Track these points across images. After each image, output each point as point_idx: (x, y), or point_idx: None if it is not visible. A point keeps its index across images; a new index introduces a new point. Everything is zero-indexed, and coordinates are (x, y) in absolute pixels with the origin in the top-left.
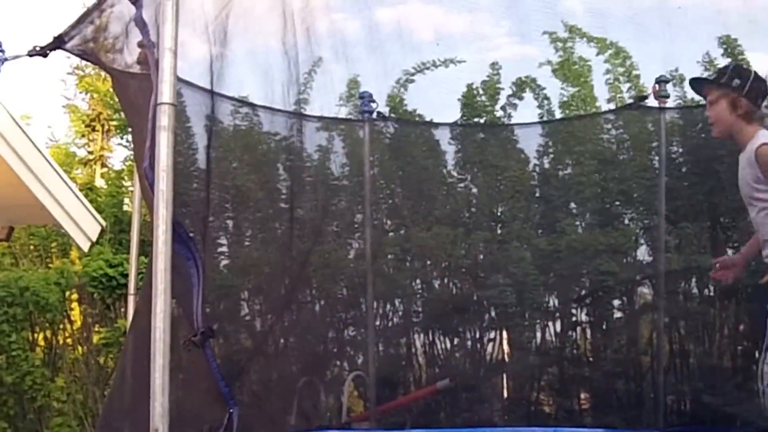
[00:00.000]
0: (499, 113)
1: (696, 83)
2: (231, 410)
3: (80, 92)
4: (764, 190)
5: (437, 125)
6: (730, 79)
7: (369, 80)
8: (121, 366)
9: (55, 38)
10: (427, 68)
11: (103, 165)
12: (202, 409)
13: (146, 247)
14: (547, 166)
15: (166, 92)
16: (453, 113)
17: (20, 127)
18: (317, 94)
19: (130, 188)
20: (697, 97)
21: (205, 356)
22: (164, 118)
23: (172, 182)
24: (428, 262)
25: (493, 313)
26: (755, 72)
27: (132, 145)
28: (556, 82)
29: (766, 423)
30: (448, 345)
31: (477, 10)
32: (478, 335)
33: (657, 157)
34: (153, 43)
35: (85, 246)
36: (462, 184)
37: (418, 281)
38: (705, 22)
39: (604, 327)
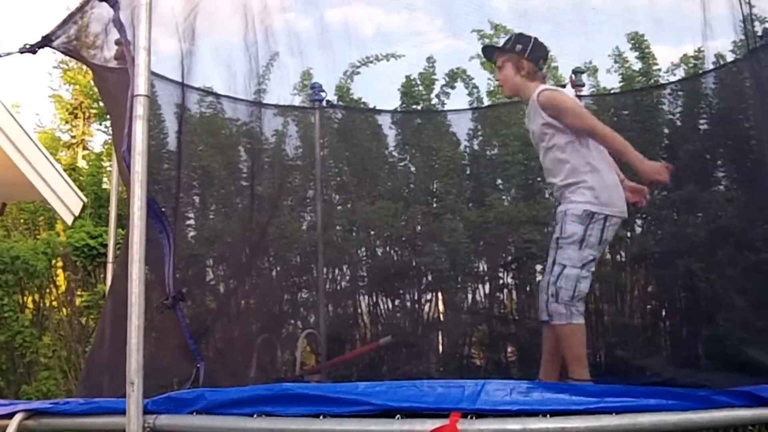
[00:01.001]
0: (434, 101)
1: (487, 51)
2: (198, 365)
3: (64, 84)
4: (553, 132)
5: (380, 112)
6: (514, 45)
7: (320, 72)
8: (101, 326)
9: (43, 37)
10: (371, 62)
11: (84, 148)
12: (173, 364)
13: (123, 221)
14: (476, 147)
15: (141, 85)
16: (393, 101)
17: (11, 114)
18: (274, 84)
19: (109, 168)
20: (609, 86)
21: (176, 317)
22: (140, 108)
23: (146, 165)
24: (372, 233)
25: (429, 278)
26: (535, 38)
27: (110, 130)
28: (484, 73)
29: (671, 373)
30: (390, 306)
31: (413, 9)
32: (416, 297)
33: None
34: (129, 41)
35: (69, 219)
36: (402, 164)
37: (363, 249)
38: (615, 20)
39: (528, 289)
